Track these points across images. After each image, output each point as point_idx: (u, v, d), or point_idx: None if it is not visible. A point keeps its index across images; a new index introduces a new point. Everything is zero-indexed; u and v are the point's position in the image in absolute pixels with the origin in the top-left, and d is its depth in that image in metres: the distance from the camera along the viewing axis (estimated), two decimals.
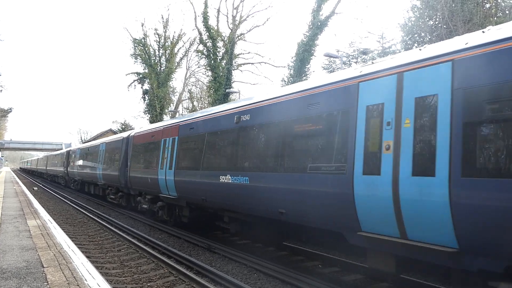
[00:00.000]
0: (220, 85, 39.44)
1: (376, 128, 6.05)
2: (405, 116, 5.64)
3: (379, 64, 6.54)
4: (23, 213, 14.09)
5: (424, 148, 5.39)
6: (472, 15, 23.13)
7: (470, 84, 4.95)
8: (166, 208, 14.85)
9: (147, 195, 16.27)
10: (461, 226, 4.92)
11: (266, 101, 9.09)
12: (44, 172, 59.91)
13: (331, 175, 6.82)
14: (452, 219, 4.96)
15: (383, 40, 34.61)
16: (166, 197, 13.84)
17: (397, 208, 5.62)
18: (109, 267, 9.79)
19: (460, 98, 5.01)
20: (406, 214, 5.52)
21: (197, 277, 8.48)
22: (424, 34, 27.61)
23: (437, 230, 5.18)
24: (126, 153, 19.02)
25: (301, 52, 31.01)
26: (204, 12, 42.27)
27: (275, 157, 8.38)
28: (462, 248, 5.00)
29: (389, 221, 5.75)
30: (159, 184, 14.14)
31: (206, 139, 11.36)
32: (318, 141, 7.50)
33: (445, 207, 5.01)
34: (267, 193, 8.49)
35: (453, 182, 4.94)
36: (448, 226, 5.02)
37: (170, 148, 13.57)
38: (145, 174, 15.68)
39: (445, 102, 5.17)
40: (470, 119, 4.89)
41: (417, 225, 5.42)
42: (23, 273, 6.26)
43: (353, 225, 6.40)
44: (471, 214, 4.78)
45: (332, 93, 7.12)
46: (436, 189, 5.12)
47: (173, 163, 13.11)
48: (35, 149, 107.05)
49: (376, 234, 6.05)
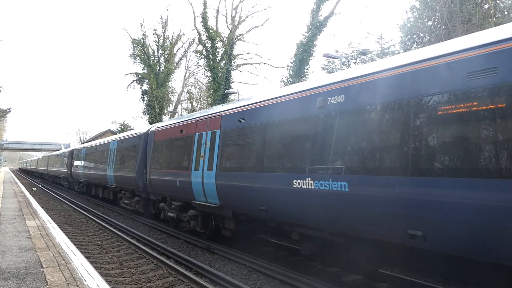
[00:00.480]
0: (219, 85, 39.46)
1: None
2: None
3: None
4: (22, 213, 14.07)
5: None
6: (471, 16, 23.17)
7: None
8: (200, 218, 12.43)
9: (173, 202, 13.90)
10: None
11: (380, 73, 6.47)
12: (45, 173, 57.67)
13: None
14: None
15: (382, 40, 34.72)
16: (203, 205, 11.56)
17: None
18: (108, 267, 9.79)
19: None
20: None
21: (196, 277, 8.49)
22: (423, 35, 27.66)
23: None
24: (145, 151, 16.78)
25: (300, 52, 31.02)
26: (203, 12, 42.30)
27: (402, 153, 5.92)
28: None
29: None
30: (192, 188, 11.93)
31: (267, 131, 8.92)
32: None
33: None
34: (386, 206, 6.04)
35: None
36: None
37: (209, 145, 11.27)
38: (172, 177, 13.41)
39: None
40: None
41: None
42: (23, 274, 6.26)
43: None
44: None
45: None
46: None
47: (214, 163, 10.79)
48: (34, 150, 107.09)
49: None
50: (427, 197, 5.41)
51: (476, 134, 5.11)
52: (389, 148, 6.23)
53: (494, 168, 4.82)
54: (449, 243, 5.44)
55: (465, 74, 5.15)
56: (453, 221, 5.13)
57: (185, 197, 12.58)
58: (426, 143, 5.66)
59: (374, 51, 34.65)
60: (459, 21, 23.10)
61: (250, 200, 9.32)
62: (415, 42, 27.78)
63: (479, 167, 4.96)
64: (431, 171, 5.46)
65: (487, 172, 4.86)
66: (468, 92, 5.10)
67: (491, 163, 4.88)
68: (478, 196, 4.89)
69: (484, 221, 4.82)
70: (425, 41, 26.17)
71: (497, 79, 4.81)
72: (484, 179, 4.86)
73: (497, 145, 4.87)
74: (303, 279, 8.16)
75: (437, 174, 5.38)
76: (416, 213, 5.58)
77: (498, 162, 4.80)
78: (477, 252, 5.12)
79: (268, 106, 9.13)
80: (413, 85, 5.80)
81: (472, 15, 23.18)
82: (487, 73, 4.92)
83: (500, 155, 4.81)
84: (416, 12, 28.18)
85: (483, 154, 4.99)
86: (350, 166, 6.67)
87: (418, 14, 28.07)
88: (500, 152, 4.82)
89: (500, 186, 4.68)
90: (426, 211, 5.42)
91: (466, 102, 5.12)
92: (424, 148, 5.68)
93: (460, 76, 5.20)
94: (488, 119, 5.01)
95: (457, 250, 5.41)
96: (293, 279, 8.28)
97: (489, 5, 25.55)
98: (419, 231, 5.58)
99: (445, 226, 5.25)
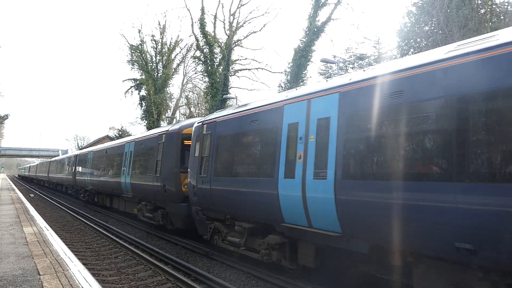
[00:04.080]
0: (217, 91, 39.54)
1: None
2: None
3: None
4: (19, 220, 13.99)
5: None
6: (467, 21, 23.30)
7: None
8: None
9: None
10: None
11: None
12: (45, 180, 54.05)
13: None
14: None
15: (379, 45, 34.89)
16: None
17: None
18: (106, 274, 9.72)
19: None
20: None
21: (194, 283, 8.44)
22: (420, 40, 27.78)
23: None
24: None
25: (298, 58, 31.14)
26: (201, 18, 42.48)
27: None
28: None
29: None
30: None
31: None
32: None
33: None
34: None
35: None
36: None
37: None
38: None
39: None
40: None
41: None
42: (19, 281, 6.20)
43: None
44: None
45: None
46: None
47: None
48: (31, 156, 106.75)
49: None
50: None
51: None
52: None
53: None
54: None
55: None
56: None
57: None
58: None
59: (372, 56, 34.81)
60: (456, 26, 23.21)
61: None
62: (412, 47, 27.90)
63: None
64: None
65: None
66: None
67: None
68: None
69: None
70: (422, 46, 26.29)
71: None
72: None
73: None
74: (302, 284, 8.12)
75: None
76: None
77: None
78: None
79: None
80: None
81: (469, 20, 23.31)
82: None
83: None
84: (413, 17, 28.34)
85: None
86: None
87: (415, 19, 28.23)
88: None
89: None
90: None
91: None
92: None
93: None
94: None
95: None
96: (291, 284, 8.24)
97: (485, 10, 25.71)
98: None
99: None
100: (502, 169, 4.88)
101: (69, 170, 33.77)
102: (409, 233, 5.84)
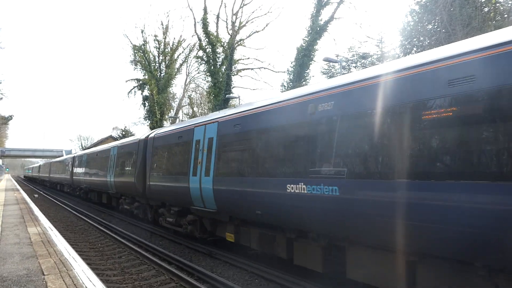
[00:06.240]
0: (220, 90, 39.54)
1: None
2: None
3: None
4: (24, 220, 14.06)
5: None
6: (471, 19, 23.19)
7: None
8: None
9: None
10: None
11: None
12: (46, 180, 56.69)
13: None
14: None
15: (382, 44, 34.71)
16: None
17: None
18: (109, 274, 9.76)
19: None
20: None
21: (198, 283, 8.46)
22: (423, 38, 27.68)
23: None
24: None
25: (300, 57, 31.11)
26: (204, 18, 42.48)
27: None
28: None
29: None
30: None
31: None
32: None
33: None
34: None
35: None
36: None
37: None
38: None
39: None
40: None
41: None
42: (24, 281, 6.24)
43: None
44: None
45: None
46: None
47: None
48: (35, 156, 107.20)
49: None
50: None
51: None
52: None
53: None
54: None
55: None
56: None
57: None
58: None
59: (375, 55, 34.68)
60: (459, 24, 23.12)
61: None
62: (415, 46, 27.80)
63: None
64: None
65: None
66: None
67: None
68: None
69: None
70: (425, 45, 26.20)
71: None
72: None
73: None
74: (305, 284, 8.12)
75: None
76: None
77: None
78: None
79: None
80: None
81: (472, 18, 23.20)
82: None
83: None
84: (416, 15, 28.22)
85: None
86: None
87: (418, 17, 28.11)
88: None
89: None
90: None
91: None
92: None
93: None
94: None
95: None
96: (294, 283, 8.24)
97: (488, 8, 25.58)
98: None
99: None
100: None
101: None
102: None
